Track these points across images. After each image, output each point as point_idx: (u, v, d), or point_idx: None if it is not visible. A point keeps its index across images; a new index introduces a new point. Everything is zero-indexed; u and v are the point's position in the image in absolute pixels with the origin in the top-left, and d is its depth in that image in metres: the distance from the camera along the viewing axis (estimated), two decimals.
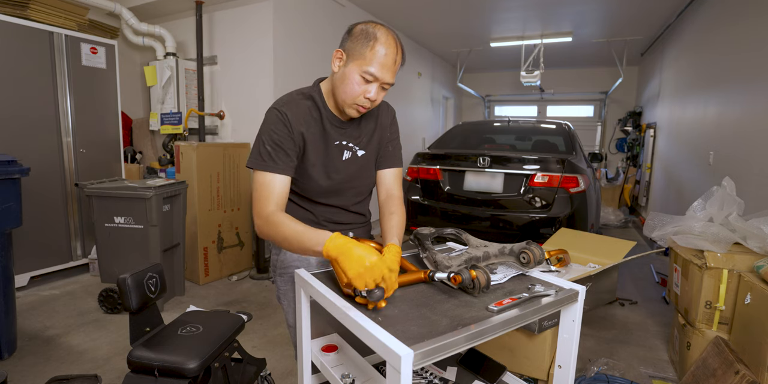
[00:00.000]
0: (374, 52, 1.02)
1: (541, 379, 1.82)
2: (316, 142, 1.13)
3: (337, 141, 1.17)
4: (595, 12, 4.77)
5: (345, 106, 1.10)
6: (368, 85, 1.05)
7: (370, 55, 1.02)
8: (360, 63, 1.03)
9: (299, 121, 1.10)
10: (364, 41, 1.02)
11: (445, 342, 0.75)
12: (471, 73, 8.56)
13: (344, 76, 1.05)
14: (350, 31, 1.07)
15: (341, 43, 1.09)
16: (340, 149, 1.18)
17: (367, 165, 1.25)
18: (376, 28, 1.04)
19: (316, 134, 1.13)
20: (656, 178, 5.34)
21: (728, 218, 1.87)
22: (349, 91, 1.05)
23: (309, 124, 1.12)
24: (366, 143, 1.23)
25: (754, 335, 1.58)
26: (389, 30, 1.07)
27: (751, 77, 2.70)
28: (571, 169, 2.96)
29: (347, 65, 1.05)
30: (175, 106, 3.84)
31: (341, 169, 1.18)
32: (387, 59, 1.03)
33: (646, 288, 3.31)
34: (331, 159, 1.16)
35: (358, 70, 1.03)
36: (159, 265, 1.64)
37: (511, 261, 1.12)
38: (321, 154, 1.15)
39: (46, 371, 1.96)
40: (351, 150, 1.20)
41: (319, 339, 1.20)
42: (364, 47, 1.02)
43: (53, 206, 3.11)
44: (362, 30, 1.04)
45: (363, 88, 1.05)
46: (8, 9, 2.90)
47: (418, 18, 5.10)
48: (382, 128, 1.27)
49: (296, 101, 1.13)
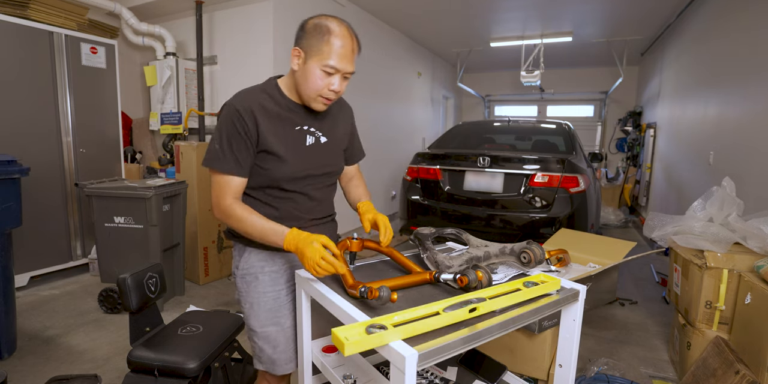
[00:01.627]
0: (330, 45, 1.04)
1: (541, 379, 1.82)
2: (276, 128, 1.13)
3: (299, 126, 1.17)
4: (595, 12, 4.77)
5: (311, 100, 1.12)
6: (330, 77, 1.08)
7: (327, 49, 1.05)
8: (319, 58, 1.05)
9: (254, 111, 1.10)
10: (319, 36, 1.05)
11: (449, 342, 0.75)
12: (471, 73, 8.55)
13: (306, 72, 1.08)
14: (302, 27, 1.09)
15: (296, 40, 1.10)
16: (303, 134, 1.18)
17: (330, 153, 1.25)
18: (327, 20, 1.07)
19: (274, 120, 1.13)
20: (656, 178, 5.34)
21: (728, 218, 1.87)
22: (313, 85, 1.08)
23: (266, 111, 1.12)
24: (328, 131, 1.23)
25: (754, 335, 1.58)
26: (340, 20, 1.09)
27: (752, 77, 2.70)
28: (571, 169, 2.96)
29: (307, 62, 1.07)
30: (175, 105, 3.84)
31: (305, 154, 1.18)
32: (344, 50, 1.06)
33: (646, 288, 3.31)
34: (294, 143, 1.16)
35: (319, 65, 1.06)
36: (159, 265, 1.63)
37: (512, 261, 1.12)
38: (283, 138, 1.14)
39: (46, 371, 1.95)
40: (314, 135, 1.20)
41: (320, 339, 1.20)
42: (320, 42, 1.05)
43: (53, 206, 3.10)
44: (315, 25, 1.07)
45: (326, 81, 1.08)
46: (8, 9, 2.90)
47: (418, 18, 5.10)
48: (345, 121, 1.31)
49: (251, 92, 1.15)
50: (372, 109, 5.12)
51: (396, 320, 0.78)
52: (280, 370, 1.21)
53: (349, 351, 0.69)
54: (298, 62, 1.09)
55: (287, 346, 1.21)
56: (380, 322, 0.76)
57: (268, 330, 1.19)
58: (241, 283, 1.23)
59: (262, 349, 1.21)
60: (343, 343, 0.69)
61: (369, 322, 0.76)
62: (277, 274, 1.22)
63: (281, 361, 1.21)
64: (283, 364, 1.21)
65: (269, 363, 1.21)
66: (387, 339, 0.73)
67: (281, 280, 1.22)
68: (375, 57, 5.07)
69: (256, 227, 1.06)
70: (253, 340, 1.22)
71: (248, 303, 1.22)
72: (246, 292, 1.22)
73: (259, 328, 1.20)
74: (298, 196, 1.20)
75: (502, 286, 0.96)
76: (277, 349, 1.20)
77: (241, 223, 1.07)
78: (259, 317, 1.20)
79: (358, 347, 0.70)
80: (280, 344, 1.20)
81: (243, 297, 1.23)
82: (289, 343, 1.21)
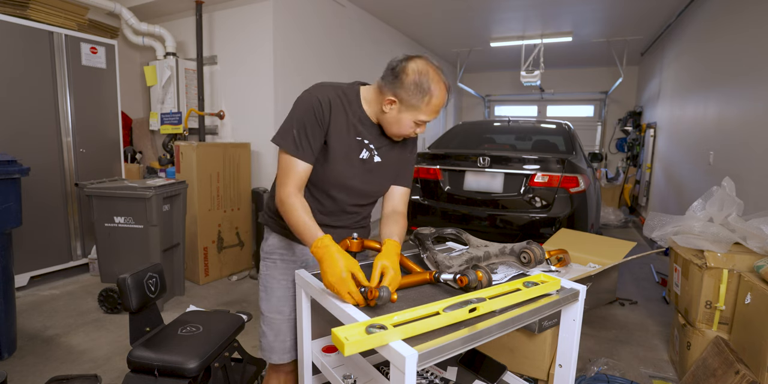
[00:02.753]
0: (430, 106, 1.08)
1: (541, 379, 1.82)
2: (341, 131, 1.15)
3: (360, 137, 1.18)
4: (595, 12, 4.77)
5: (393, 136, 1.19)
6: (419, 126, 1.14)
7: (426, 109, 1.08)
8: (415, 113, 1.09)
9: (330, 108, 1.12)
10: (420, 96, 1.06)
11: (449, 342, 0.75)
12: (471, 73, 8.55)
13: (398, 120, 1.12)
14: (398, 74, 1.06)
15: (390, 85, 1.08)
16: (360, 146, 1.18)
17: (379, 173, 1.24)
18: (429, 77, 1.05)
19: (342, 124, 1.15)
20: (656, 178, 5.34)
21: (728, 218, 1.87)
22: (404, 131, 1.14)
23: (338, 112, 1.14)
24: (385, 153, 1.23)
25: (754, 335, 1.58)
26: (439, 74, 1.08)
27: (752, 77, 2.70)
28: (571, 169, 2.96)
29: (401, 112, 1.10)
30: (175, 106, 3.84)
31: (356, 165, 1.19)
32: (439, 107, 1.10)
33: (646, 288, 3.31)
34: (350, 151, 1.17)
35: (413, 118, 1.10)
36: (159, 265, 1.63)
37: (512, 261, 1.12)
38: (342, 143, 1.15)
39: (46, 371, 1.95)
40: (370, 151, 1.20)
41: (320, 339, 1.20)
42: (420, 101, 1.06)
43: (53, 206, 3.10)
44: (415, 81, 1.04)
45: (414, 128, 1.14)
46: (8, 9, 2.90)
47: (418, 18, 5.10)
48: (404, 147, 1.30)
49: (332, 89, 1.15)
50: None
51: (396, 320, 0.79)
52: (276, 358, 1.25)
53: (349, 351, 0.69)
54: (392, 108, 1.10)
55: (287, 335, 1.24)
56: (380, 322, 0.76)
57: (273, 316, 1.24)
58: (263, 264, 1.28)
59: (265, 333, 1.25)
60: (343, 343, 0.69)
61: (369, 322, 0.76)
62: (295, 264, 1.27)
63: (279, 349, 1.24)
64: (280, 353, 1.24)
65: (268, 350, 1.25)
66: (387, 339, 0.73)
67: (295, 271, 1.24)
68: (375, 57, 5.07)
69: (298, 222, 1.05)
70: (260, 324, 1.28)
71: (263, 285, 1.27)
72: (264, 274, 1.27)
73: (267, 312, 1.25)
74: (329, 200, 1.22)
75: (501, 286, 0.96)
76: (278, 338, 1.24)
77: (289, 214, 1.08)
78: (270, 302, 1.24)
79: (358, 347, 0.70)
80: (281, 333, 1.24)
81: (261, 278, 1.28)
82: (289, 333, 1.25)
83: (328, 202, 1.22)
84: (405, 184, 1.33)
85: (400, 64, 1.07)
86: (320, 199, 1.22)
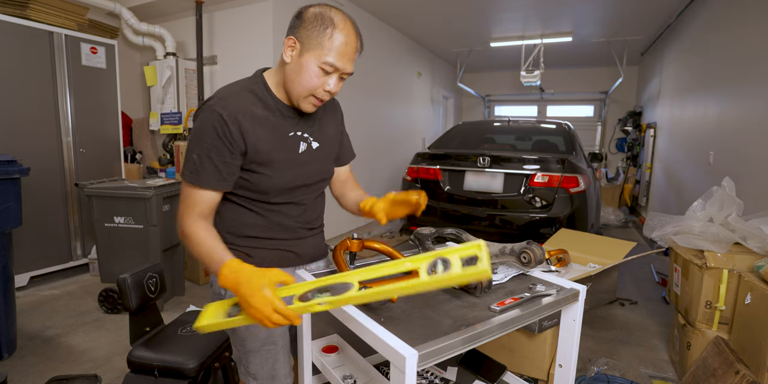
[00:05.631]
0: (333, 40, 0.92)
1: (541, 379, 1.82)
2: (268, 136, 1.01)
3: (292, 132, 1.06)
4: (595, 12, 4.77)
5: (300, 99, 1.00)
6: (327, 76, 0.96)
7: (329, 45, 0.92)
8: (318, 53, 0.93)
9: (240, 119, 0.97)
10: (321, 28, 0.92)
11: (449, 342, 0.75)
12: (471, 73, 8.55)
13: (300, 67, 0.95)
14: (300, 15, 0.96)
15: (291, 29, 0.97)
16: (296, 141, 1.06)
17: (323, 159, 1.14)
18: (332, 12, 0.94)
19: (265, 127, 1.01)
20: (656, 178, 5.34)
21: (728, 218, 1.87)
22: (307, 83, 0.96)
23: (254, 118, 0.99)
24: (319, 135, 1.13)
25: (754, 335, 1.58)
26: (345, 14, 0.96)
27: (752, 77, 2.70)
28: (571, 169, 2.96)
29: (302, 55, 0.94)
30: (175, 105, 3.84)
31: (298, 163, 1.07)
32: (348, 48, 0.94)
33: (646, 288, 3.31)
34: (287, 152, 1.05)
35: (316, 61, 0.93)
36: (159, 265, 1.63)
37: (512, 261, 1.11)
38: (274, 148, 1.02)
39: (46, 371, 1.95)
40: (306, 141, 1.09)
41: (320, 340, 1.20)
42: (321, 35, 0.92)
43: (53, 206, 3.10)
44: (317, 15, 0.93)
45: (322, 80, 0.96)
46: (8, 9, 2.90)
47: (418, 18, 5.10)
48: (335, 122, 1.20)
49: (236, 94, 1.00)
50: (372, 109, 5.12)
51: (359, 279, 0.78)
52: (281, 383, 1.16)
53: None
54: (292, 54, 0.96)
55: (285, 359, 1.16)
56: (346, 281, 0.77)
57: (267, 348, 1.12)
58: None
59: (261, 366, 1.13)
60: None
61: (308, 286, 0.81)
62: None
63: (281, 375, 1.15)
64: (284, 378, 1.15)
65: (269, 379, 1.13)
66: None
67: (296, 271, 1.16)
68: (375, 57, 5.07)
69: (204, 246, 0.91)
70: (248, 360, 1.12)
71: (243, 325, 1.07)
72: None
73: (259, 346, 1.11)
74: (288, 206, 1.10)
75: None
76: (276, 366, 1.14)
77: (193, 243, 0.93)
78: (257, 338, 1.11)
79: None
80: (279, 361, 1.14)
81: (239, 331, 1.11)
82: (285, 358, 1.16)
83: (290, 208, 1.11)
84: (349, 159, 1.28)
85: (303, 8, 0.97)
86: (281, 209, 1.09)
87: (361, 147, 4.88)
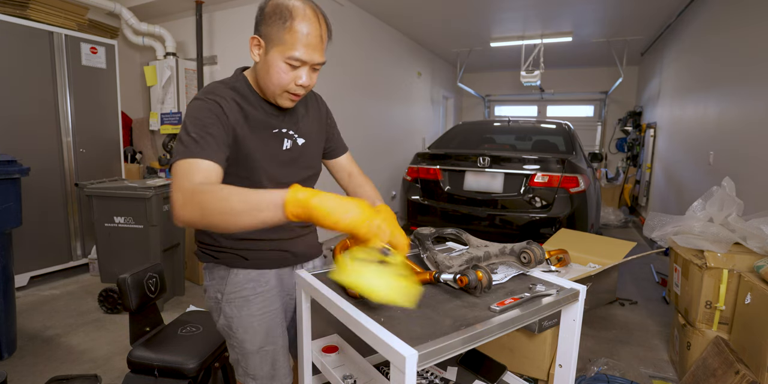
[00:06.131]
0: (294, 33, 0.88)
1: (541, 379, 1.82)
2: (252, 131, 0.99)
3: (276, 128, 1.04)
4: (595, 12, 4.77)
5: (276, 96, 0.97)
6: (296, 70, 0.93)
7: (291, 38, 0.89)
8: (281, 49, 0.90)
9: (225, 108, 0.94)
10: (280, 22, 0.89)
11: (449, 342, 0.75)
12: (471, 73, 8.55)
13: (267, 65, 0.93)
14: (261, 10, 0.93)
15: (255, 27, 0.94)
16: (280, 138, 1.05)
17: (308, 155, 1.12)
18: (290, 3, 0.89)
19: (250, 122, 0.99)
20: (656, 178, 5.34)
21: (728, 218, 1.87)
22: (276, 80, 0.93)
23: (238, 114, 0.97)
24: (304, 131, 1.11)
25: (754, 335, 1.58)
26: (307, 1, 0.92)
27: (752, 77, 2.70)
28: (571, 169, 2.96)
29: (268, 52, 0.92)
30: (175, 105, 3.84)
31: (283, 160, 1.06)
32: (311, 38, 0.90)
33: (646, 288, 3.31)
34: (271, 149, 1.03)
35: (281, 57, 0.91)
36: (159, 265, 1.63)
37: (512, 261, 1.11)
38: (260, 144, 1.00)
39: (46, 371, 1.95)
40: (291, 138, 1.07)
41: (320, 340, 1.20)
42: (281, 30, 0.89)
43: (53, 206, 3.10)
44: (274, 7, 0.90)
45: (291, 74, 0.93)
46: (8, 9, 2.90)
47: (418, 18, 5.10)
48: (319, 117, 1.18)
49: (220, 90, 0.98)
50: (372, 109, 5.13)
51: None
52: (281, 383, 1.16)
53: None
54: (258, 52, 0.94)
55: (285, 359, 1.17)
56: None
57: (266, 349, 1.12)
58: (230, 308, 1.09)
59: (260, 367, 1.12)
60: None
61: None
62: (270, 294, 1.12)
63: (280, 375, 1.15)
64: (283, 378, 1.15)
65: (269, 378, 1.13)
66: None
67: (275, 298, 1.14)
68: (375, 57, 5.07)
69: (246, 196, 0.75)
70: (246, 362, 1.11)
71: (241, 328, 1.08)
72: (238, 317, 1.08)
73: (258, 348, 1.10)
74: None
75: None
76: (276, 365, 1.14)
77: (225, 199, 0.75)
78: (256, 340, 1.10)
79: None
80: (278, 360, 1.14)
81: (234, 322, 1.09)
82: (285, 358, 1.16)
83: None
84: (343, 150, 1.25)
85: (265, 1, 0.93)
86: None
87: (361, 147, 4.88)
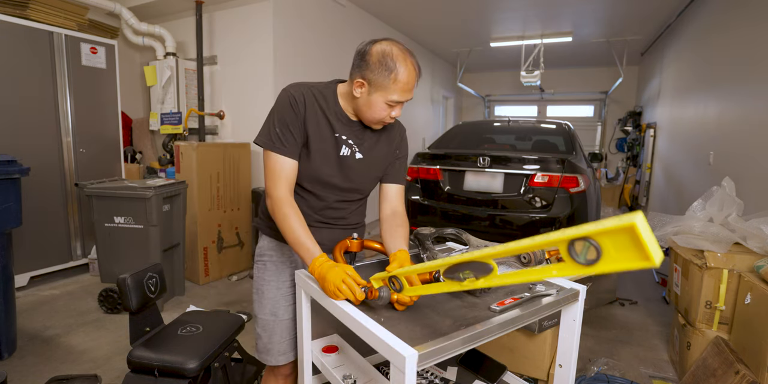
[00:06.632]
0: (397, 83, 1.06)
1: (541, 379, 1.82)
2: (317, 128, 1.15)
3: (338, 134, 1.18)
4: (595, 12, 4.77)
5: (371, 124, 1.17)
6: (392, 108, 1.12)
7: (394, 87, 1.06)
8: (384, 93, 1.08)
9: (304, 105, 1.14)
10: (386, 73, 1.05)
11: (449, 342, 0.75)
12: (471, 73, 8.55)
13: (370, 103, 1.11)
14: (364, 56, 1.07)
15: (357, 68, 1.09)
16: (339, 143, 1.18)
17: (362, 171, 1.23)
18: (393, 55, 1.05)
19: (317, 120, 1.15)
20: (656, 178, 5.34)
21: (728, 218, 1.87)
22: (377, 115, 1.13)
23: (315, 111, 1.15)
24: (367, 150, 1.22)
25: (754, 335, 1.58)
26: (405, 52, 1.07)
27: (752, 77, 2.70)
28: (571, 169, 2.96)
29: (371, 94, 1.09)
30: (175, 106, 3.84)
31: (335, 162, 1.19)
32: (409, 85, 1.08)
33: (646, 288, 3.31)
34: (329, 148, 1.17)
35: (383, 99, 1.09)
36: (159, 265, 1.63)
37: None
38: (319, 140, 1.16)
39: (46, 371, 1.95)
40: (350, 148, 1.19)
41: (320, 339, 1.20)
42: (386, 79, 1.05)
43: (53, 206, 3.10)
44: (380, 60, 1.05)
45: (388, 111, 1.13)
46: (8, 9, 2.90)
47: (418, 18, 5.10)
48: (389, 143, 1.28)
49: (307, 88, 1.17)
50: None
51: None
52: (273, 360, 1.25)
53: None
54: (362, 91, 1.10)
55: (282, 337, 1.24)
56: None
57: (267, 318, 1.24)
58: (255, 268, 1.29)
59: (260, 335, 1.26)
60: None
61: None
62: (283, 266, 1.26)
63: (274, 351, 1.24)
64: (276, 355, 1.24)
65: (264, 352, 1.25)
66: None
67: (286, 272, 1.26)
68: None
69: (295, 235, 1.06)
70: (254, 327, 1.28)
71: (256, 288, 1.27)
72: (257, 277, 1.28)
73: (261, 315, 1.25)
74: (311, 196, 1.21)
75: None
76: (272, 339, 1.24)
77: (283, 223, 1.08)
78: (263, 304, 1.24)
79: None
80: (275, 334, 1.24)
81: (254, 282, 1.29)
82: (284, 334, 1.24)
83: (312, 198, 1.22)
84: (398, 181, 1.31)
85: (366, 48, 1.08)
86: (304, 195, 1.22)
87: None
